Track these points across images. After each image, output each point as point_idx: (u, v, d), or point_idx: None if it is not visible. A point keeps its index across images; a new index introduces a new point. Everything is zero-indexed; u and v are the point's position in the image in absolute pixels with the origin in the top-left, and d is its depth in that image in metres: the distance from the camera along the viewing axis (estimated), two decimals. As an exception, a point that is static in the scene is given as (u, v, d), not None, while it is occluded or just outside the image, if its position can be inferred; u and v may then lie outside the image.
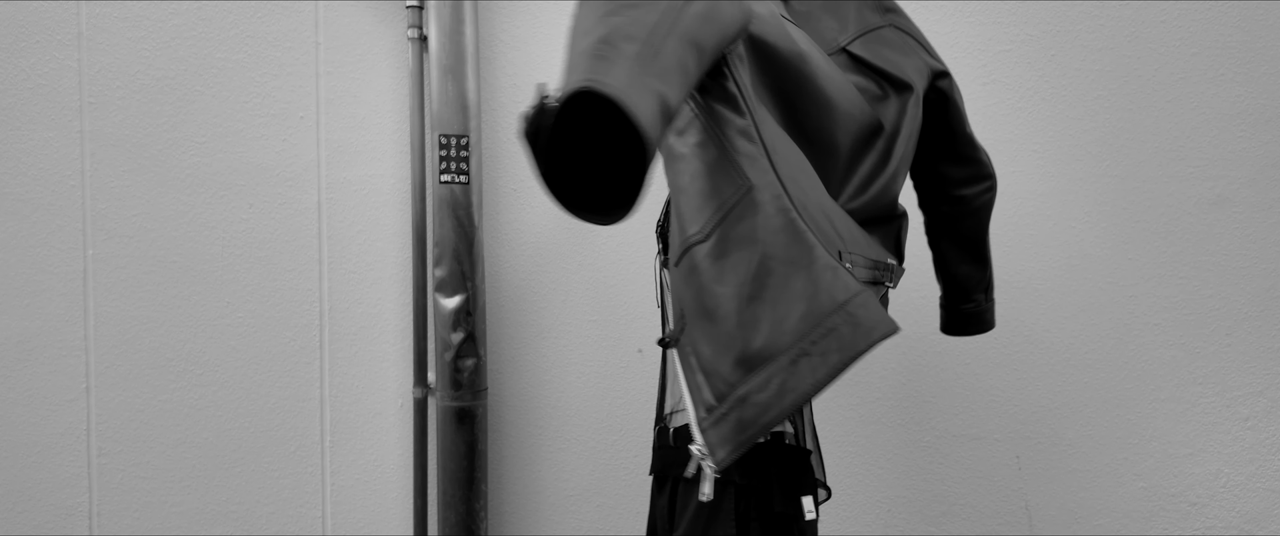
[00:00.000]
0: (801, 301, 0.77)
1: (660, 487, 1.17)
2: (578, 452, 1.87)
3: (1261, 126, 1.86)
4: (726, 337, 0.77)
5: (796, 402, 0.75)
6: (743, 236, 0.78)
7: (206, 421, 1.78)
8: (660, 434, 1.19)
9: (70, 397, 1.74)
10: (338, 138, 1.79)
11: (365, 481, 1.83)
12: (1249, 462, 1.89)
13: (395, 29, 1.79)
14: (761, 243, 0.78)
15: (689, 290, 0.80)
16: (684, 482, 1.01)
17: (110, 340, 1.75)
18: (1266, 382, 1.88)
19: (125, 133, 1.73)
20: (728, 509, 0.93)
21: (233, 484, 1.79)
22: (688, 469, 0.95)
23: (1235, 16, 1.85)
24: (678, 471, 1.05)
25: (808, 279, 0.78)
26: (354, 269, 1.81)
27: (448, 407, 1.72)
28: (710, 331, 0.78)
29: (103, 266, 1.74)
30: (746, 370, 0.76)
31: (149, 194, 1.75)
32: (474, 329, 1.72)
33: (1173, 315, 1.88)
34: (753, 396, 0.76)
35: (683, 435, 1.09)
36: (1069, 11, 1.85)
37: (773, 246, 0.78)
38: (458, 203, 1.70)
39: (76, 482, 1.75)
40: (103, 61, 1.72)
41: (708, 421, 0.77)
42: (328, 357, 1.81)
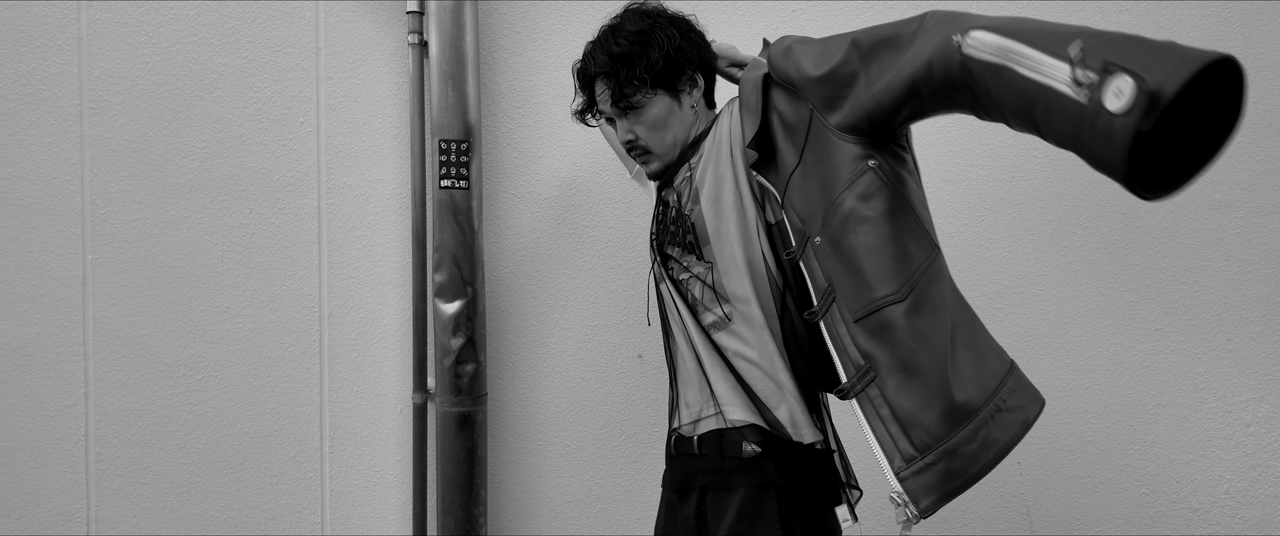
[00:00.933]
0: (987, 361, 0.89)
1: (682, 498, 1.15)
2: (577, 458, 1.86)
3: (1262, 132, 1.86)
4: (931, 394, 0.84)
5: (999, 456, 0.83)
6: (936, 299, 0.89)
7: (205, 427, 1.77)
8: (679, 443, 1.18)
9: (69, 403, 1.74)
10: (338, 143, 1.79)
11: (364, 487, 1.82)
12: (1251, 468, 1.89)
13: (395, 34, 1.79)
14: (949, 306, 0.89)
15: (881, 346, 0.86)
16: (714, 492, 1.07)
17: (109, 345, 1.74)
18: (1268, 388, 1.87)
19: (125, 138, 1.73)
20: (771, 511, 1.00)
21: (231, 489, 1.78)
22: (897, 520, 0.91)
23: (1235, 21, 1.85)
24: (706, 480, 1.08)
25: (986, 341, 0.91)
26: (354, 274, 1.81)
27: (447, 413, 1.72)
28: (911, 386, 0.85)
29: (102, 271, 1.74)
30: (952, 424, 0.83)
31: (148, 199, 1.74)
32: (474, 334, 1.72)
33: (1174, 320, 1.87)
34: (961, 448, 0.83)
35: (710, 443, 1.10)
36: (1069, 17, 1.85)
37: (955, 310, 0.90)
38: (458, 208, 1.70)
39: (75, 488, 1.74)
40: (103, 66, 1.72)
41: (909, 471, 0.83)
42: (327, 363, 1.80)
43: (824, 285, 0.93)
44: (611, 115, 1.23)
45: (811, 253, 0.95)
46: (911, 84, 0.84)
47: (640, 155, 1.22)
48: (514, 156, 1.84)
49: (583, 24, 1.83)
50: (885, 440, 0.87)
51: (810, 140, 0.98)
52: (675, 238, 1.18)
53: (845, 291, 0.91)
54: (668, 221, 1.22)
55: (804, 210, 0.98)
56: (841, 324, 0.90)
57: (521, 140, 1.84)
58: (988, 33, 0.76)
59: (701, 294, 1.13)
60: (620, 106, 1.18)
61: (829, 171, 0.95)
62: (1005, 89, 0.75)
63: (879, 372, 0.88)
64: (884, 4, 1.85)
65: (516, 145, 1.84)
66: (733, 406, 1.08)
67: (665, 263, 1.22)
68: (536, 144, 1.84)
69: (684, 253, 1.15)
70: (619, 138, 1.25)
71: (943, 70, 0.80)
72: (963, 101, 0.83)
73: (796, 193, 0.98)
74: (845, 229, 0.91)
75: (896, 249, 0.90)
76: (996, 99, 0.76)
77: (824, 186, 0.95)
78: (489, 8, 1.81)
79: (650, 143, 1.19)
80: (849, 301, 0.90)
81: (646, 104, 1.17)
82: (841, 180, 0.93)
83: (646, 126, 1.18)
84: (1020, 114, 0.75)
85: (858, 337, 0.89)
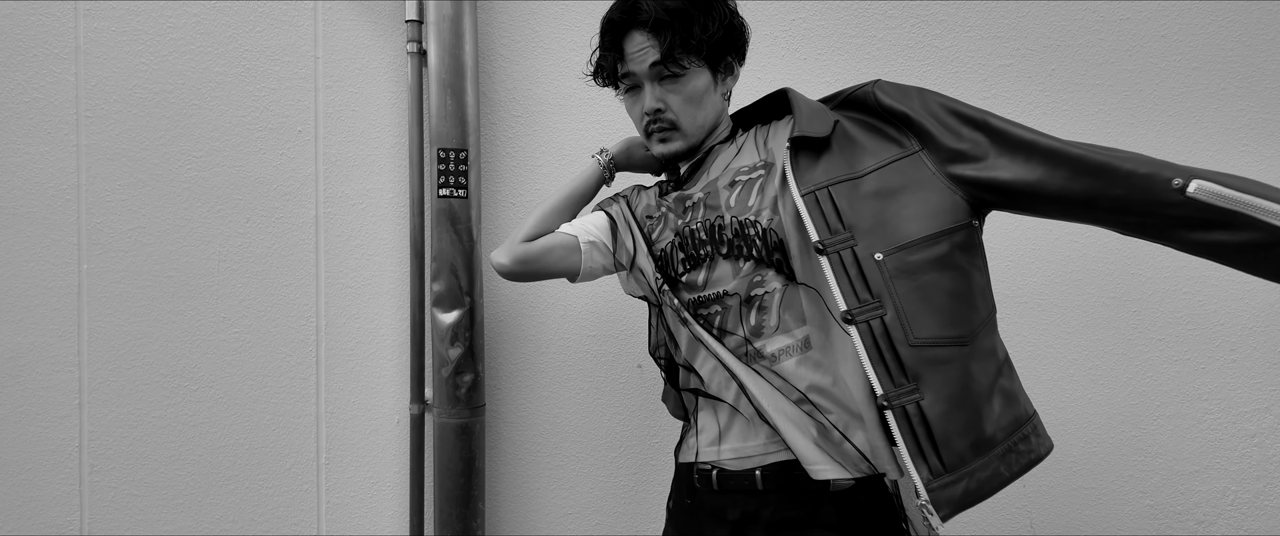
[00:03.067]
0: (1013, 407, 1.01)
1: (716, 520, 1.10)
2: (577, 469, 1.84)
3: (1264, 140, 1.85)
4: (968, 424, 0.96)
5: (1000, 486, 0.97)
6: (987, 347, 1.01)
7: (201, 438, 1.76)
8: (726, 478, 1.09)
9: (63, 414, 1.72)
10: (336, 151, 1.79)
11: (361, 499, 1.80)
12: (1256, 479, 1.87)
13: (394, 43, 1.79)
14: (997, 355, 1.02)
15: (934, 373, 0.96)
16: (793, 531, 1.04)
17: (104, 355, 1.73)
18: (1273, 399, 1.86)
19: (122, 146, 1.72)
20: None
21: (227, 501, 1.76)
22: (918, 526, 1.00)
23: (1237, 30, 1.85)
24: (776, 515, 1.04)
25: (1018, 388, 1.04)
26: (351, 283, 1.79)
27: (445, 424, 1.70)
28: (953, 415, 0.96)
29: (97, 280, 1.72)
30: (976, 453, 0.96)
31: (145, 208, 1.73)
32: (472, 344, 1.71)
33: (1177, 330, 1.86)
34: (977, 473, 0.96)
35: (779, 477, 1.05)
36: (1069, 26, 1.85)
37: (998, 361, 1.02)
38: (456, 217, 1.69)
39: (68, 500, 1.73)
40: (100, 75, 1.72)
41: (938, 484, 0.94)
42: (324, 373, 1.79)
43: (867, 298, 0.98)
44: (641, 79, 1.12)
45: (854, 259, 1.00)
46: (1088, 195, 0.96)
47: (664, 131, 1.13)
48: (513, 165, 1.83)
49: (582, 32, 1.82)
50: (915, 453, 0.95)
51: (890, 167, 1.03)
52: (738, 252, 1.07)
53: (911, 315, 0.97)
54: (709, 238, 1.10)
55: (851, 217, 1.01)
56: (891, 339, 0.97)
57: (520, 149, 1.83)
58: (1213, 183, 0.89)
59: (766, 318, 1.05)
60: (667, 66, 1.09)
61: (916, 205, 1.01)
62: (1242, 225, 0.88)
63: (924, 394, 0.96)
64: (885, 4, 1.84)
65: (515, 154, 1.83)
66: (799, 438, 1.03)
67: (678, 288, 1.14)
68: (536, 153, 1.83)
69: (757, 268, 1.05)
70: (643, 107, 1.13)
71: (1142, 196, 0.93)
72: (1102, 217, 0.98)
73: (844, 199, 1.02)
74: (933, 266, 0.99)
75: (973, 300, 1.01)
76: (1211, 237, 0.91)
77: (905, 215, 1.00)
78: (488, 16, 1.81)
79: (682, 117, 1.12)
80: (912, 324, 0.97)
81: (689, 73, 1.10)
82: (938, 221, 1.00)
83: (683, 97, 1.11)
84: (1243, 248, 0.89)
85: (910, 358, 0.97)
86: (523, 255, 1.24)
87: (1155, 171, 0.93)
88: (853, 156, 1.05)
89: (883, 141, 1.06)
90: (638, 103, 1.15)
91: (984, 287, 1.04)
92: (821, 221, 1.01)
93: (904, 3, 1.84)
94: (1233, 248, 0.90)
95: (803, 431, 1.03)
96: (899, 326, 0.97)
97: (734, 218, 1.08)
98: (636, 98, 1.15)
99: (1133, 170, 0.93)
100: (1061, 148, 0.98)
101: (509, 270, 1.25)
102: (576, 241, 1.25)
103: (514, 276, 1.26)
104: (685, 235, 1.14)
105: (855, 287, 0.99)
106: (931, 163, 1.03)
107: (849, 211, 1.01)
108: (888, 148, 1.05)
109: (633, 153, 1.30)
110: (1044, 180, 0.98)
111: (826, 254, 1.00)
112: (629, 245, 1.23)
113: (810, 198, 1.02)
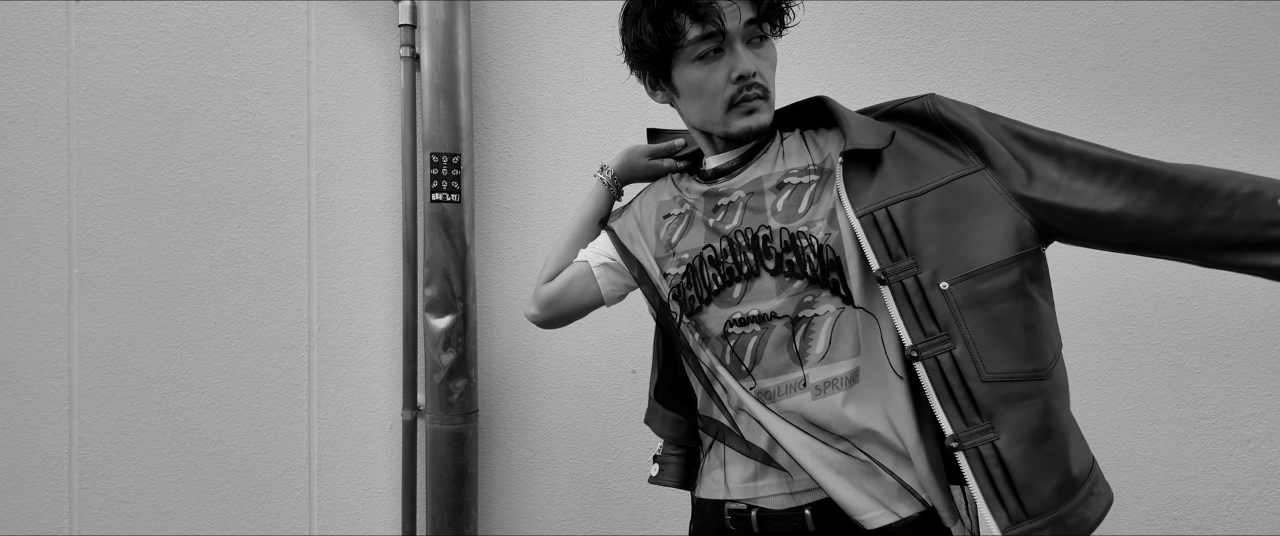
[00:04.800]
0: (1085, 449, 0.96)
1: None
2: (570, 476, 1.83)
3: (1257, 145, 1.86)
4: (1052, 465, 0.88)
5: (1087, 532, 0.89)
6: (1060, 383, 0.94)
7: (191, 444, 1.74)
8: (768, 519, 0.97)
9: (52, 420, 1.71)
10: (328, 156, 1.78)
11: (353, 505, 1.79)
12: (1252, 485, 1.87)
13: (387, 47, 1.78)
14: (1068, 394, 0.95)
15: (1012, 411, 0.88)
16: None
17: (94, 360, 1.72)
18: (1268, 403, 1.86)
19: (113, 151, 1.72)
20: None
21: (218, 508, 1.75)
22: None
23: (1230, 35, 1.85)
24: None
25: (1079, 430, 0.97)
26: (343, 289, 1.79)
27: (438, 430, 1.69)
28: (1034, 455, 0.88)
29: (88, 286, 1.71)
30: (1062, 497, 0.88)
31: (136, 213, 1.72)
32: (465, 349, 1.70)
33: (1172, 336, 1.86)
34: (1065, 519, 0.88)
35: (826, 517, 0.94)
36: (1064, 31, 1.85)
37: (1069, 398, 0.96)
38: (449, 222, 1.68)
39: (57, 507, 1.71)
40: (91, 79, 1.71)
41: (1016, 530, 0.86)
42: (316, 379, 1.78)
43: (934, 330, 0.89)
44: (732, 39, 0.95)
45: (918, 288, 0.90)
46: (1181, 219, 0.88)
47: (757, 99, 0.97)
48: (506, 170, 1.82)
49: (576, 37, 1.82)
50: (991, 498, 0.87)
51: (953, 185, 0.93)
52: (789, 268, 0.94)
53: (983, 349, 0.89)
54: (751, 247, 0.96)
55: (912, 241, 0.91)
56: (961, 376, 0.88)
57: (514, 154, 1.82)
58: None
59: (812, 345, 0.93)
60: (762, 25, 0.96)
61: (983, 229, 0.91)
62: None
63: (1000, 434, 0.88)
64: (879, 9, 1.84)
65: (509, 159, 1.82)
66: (845, 489, 0.93)
67: (697, 314, 1.00)
68: (529, 157, 1.82)
69: (809, 287, 0.93)
70: (738, 69, 0.95)
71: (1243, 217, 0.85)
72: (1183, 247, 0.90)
73: (903, 220, 0.91)
74: (1005, 295, 0.90)
75: (1047, 331, 0.93)
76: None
77: (972, 240, 0.91)
78: (481, 21, 1.81)
79: (770, 84, 0.98)
80: (984, 359, 0.89)
81: (771, 40, 0.99)
82: (1007, 246, 0.91)
83: (769, 64, 0.99)
84: None
85: (983, 396, 0.88)
86: (545, 298, 1.17)
87: (1260, 190, 0.85)
88: (909, 172, 0.94)
89: (941, 156, 0.95)
90: (717, 69, 0.96)
91: (1053, 318, 0.96)
92: (882, 246, 0.90)
93: (898, 6, 1.84)
94: None
95: (849, 479, 0.92)
96: (970, 361, 0.88)
97: (783, 228, 0.95)
98: (714, 64, 0.96)
99: (1235, 190, 0.86)
100: (1152, 166, 0.90)
101: (539, 318, 1.18)
102: (588, 267, 1.14)
103: (548, 323, 1.18)
104: (721, 242, 0.99)
105: (920, 320, 0.89)
106: (996, 183, 0.93)
107: (909, 234, 0.90)
108: (948, 163, 0.94)
109: (634, 163, 1.20)
110: (1132, 203, 0.89)
111: (888, 283, 0.89)
112: (638, 257, 1.10)
113: (868, 219, 0.91)
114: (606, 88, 1.82)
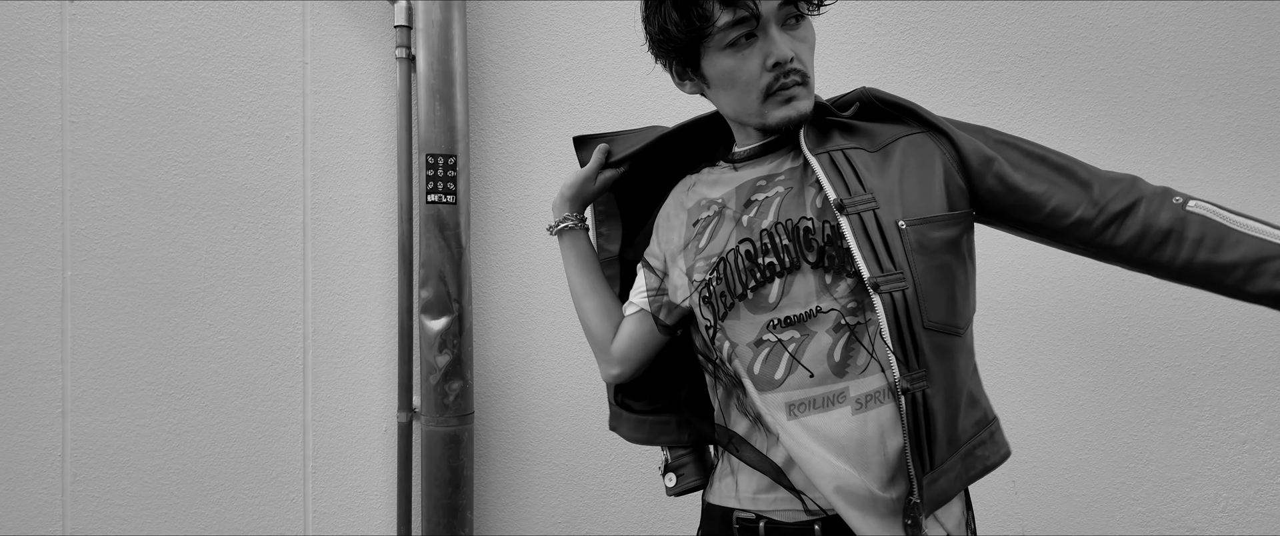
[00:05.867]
0: (976, 409, 0.94)
1: None
2: (566, 478, 1.83)
3: (1251, 147, 1.86)
4: (950, 419, 0.89)
5: (956, 491, 0.90)
6: (970, 345, 0.95)
7: (185, 447, 1.74)
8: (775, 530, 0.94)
9: (45, 422, 1.70)
10: (324, 157, 1.77)
11: (348, 509, 1.78)
12: (1248, 486, 1.87)
13: (383, 49, 1.78)
14: (972, 355, 0.96)
15: (940, 362, 0.88)
16: None
17: (88, 363, 1.71)
18: (1263, 405, 1.86)
19: (107, 152, 1.71)
20: None
21: (212, 511, 1.74)
22: None
23: (1223, 39, 1.86)
24: None
25: (982, 392, 0.98)
26: (339, 290, 1.78)
27: (433, 432, 1.69)
28: (944, 408, 0.87)
29: (81, 288, 1.70)
30: (950, 450, 0.89)
31: (130, 214, 1.72)
32: (461, 351, 1.69)
33: (1168, 337, 1.86)
34: (948, 472, 0.88)
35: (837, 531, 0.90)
36: (1059, 33, 1.86)
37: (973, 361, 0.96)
38: (445, 223, 1.68)
39: (50, 510, 1.70)
40: (85, 80, 1.70)
41: (927, 480, 0.86)
42: (311, 381, 1.77)
43: (890, 267, 0.85)
44: (766, 22, 0.88)
45: (876, 223, 0.87)
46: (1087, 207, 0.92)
47: (796, 86, 0.90)
48: (502, 171, 1.82)
49: (572, 39, 1.82)
50: (913, 445, 0.84)
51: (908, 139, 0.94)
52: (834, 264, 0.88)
53: (925, 294, 0.87)
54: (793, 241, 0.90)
55: (871, 181, 0.89)
56: (908, 317, 0.85)
57: (510, 155, 1.82)
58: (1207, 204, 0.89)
59: (856, 352, 0.87)
60: (800, 5, 0.89)
61: (933, 182, 0.91)
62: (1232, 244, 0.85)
63: (930, 383, 0.86)
64: (875, 11, 1.85)
65: (505, 160, 1.82)
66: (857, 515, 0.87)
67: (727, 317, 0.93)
68: (525, 159, 1.82)
69: (855, 288, 0.87)
70: (775, 54, 0.88)
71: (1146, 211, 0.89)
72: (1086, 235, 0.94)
73: (861, 164, 0.91)
74: (947, 248, 0.89)
75: (969, 290, 0.94)
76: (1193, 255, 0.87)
77: (923, 190, 0.90)
78: (478, 22, 1.80)
79: (809, 69, 0.92)
80: (926, 305, 0.86)
81: (809, 23, 0.93)
82: (952, 202, 0.92)
83: (808, 46, 0.92)
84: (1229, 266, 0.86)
85: (924, 342, 0.86)
86: (619, 356, 1.10)
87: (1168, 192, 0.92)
88: (867, 136, 0.95)
89: (892, 125, 0.96)
90: (750, 57, 0.89)
91: (973, 283, 0.96)
92: (840, 182, 0.88)
93: (894, 7, 1.85)
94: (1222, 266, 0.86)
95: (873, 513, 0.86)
96: (917, 304, 0.85)
97: (826, 222, 0.89)
98: (747, 51, 0.89)
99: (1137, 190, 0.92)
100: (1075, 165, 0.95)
101: (623, 375, 1.11)
102: (640, 312, 1.08)
103: (629, 376, 1.12)
104: (759, 238, 0.92)
105: (877, 254, 0.85)
106: (937, 144, 0.93)
107: (868, 176, 0.89)
108: (899, 128, 0.95)
109: (580, 192, 1.14)
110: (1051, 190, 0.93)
111: (846, 214, 0.86)
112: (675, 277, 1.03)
113: (825, 158, 0.90)
114: (602, 89, 1.82)
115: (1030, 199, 0.92)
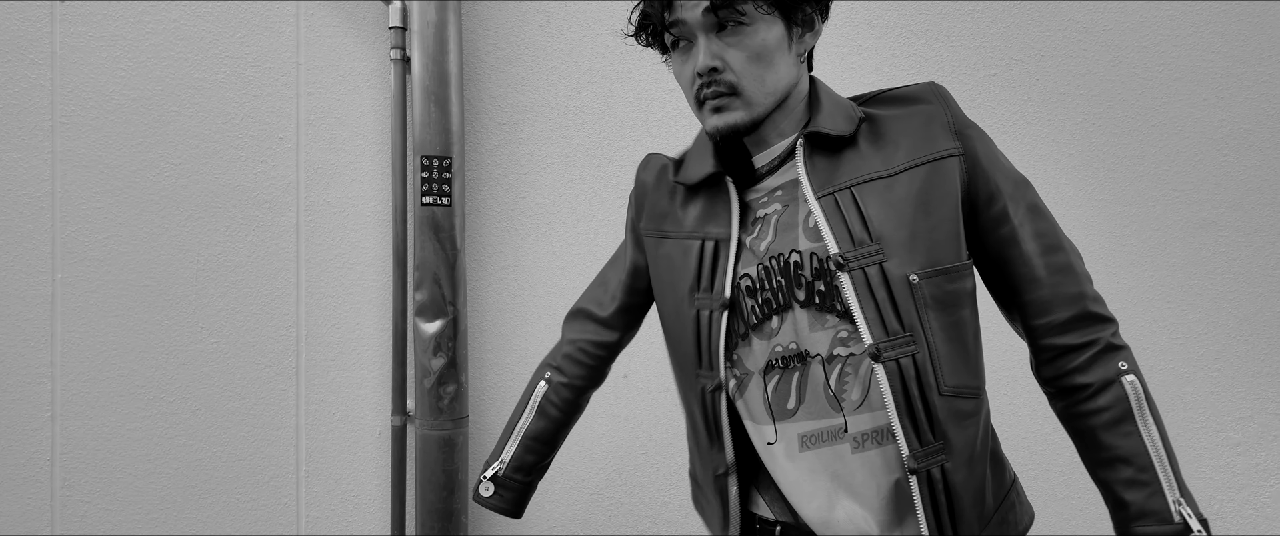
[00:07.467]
0: (1002, 472, 0.90)
1: None
2: (562, 482, 1.82)
3: (1245, 150, 1.87)
4: (977, 491, 0.83)
5: None
6: (987, 404, 0.88)
7: (177, 451, 1.72)
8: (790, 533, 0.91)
9: (34, 426, 1.68)
10: (317, 159, 1.76)
11: (341, 513, 1.77)
12: (1241, 488, 1.87)
13: (377, 50, 1.77)
14: (989, 414, 0.88)
15: (961, 431, 0.82)
16: None
17: (78, 366, 1.69)
18: (1256, 407, 1.87)
19: (98, 154, 1.69)
20: None
21: (203, 516, 1.73)
22: None
23: (1217, 42, 1.87)
24: None
25: (1001, 450, 0.92)
26: (332, 293, 1.77)
27: (427, 436, 1.68)
28: (968, 480, 0.82)
29: (71, 290, 1.69)
30: (981, 524, 0.83)
31: (121, 216, 1.70)
32: (455, 354, 1.68)
33: (1160, 339, 1.87)
34: None
35: None
36: (1054, 37, 1.86)
37: (990, 419, 0.89)
38: (439, 225, 1.67)
39: (39, 514, 1.68)
40: (76, 81, 1.69)
41: None
42: (304, 384, 1.76)
43: (898, 329, 0.79)
44: (692, 31, 0.84)
45: (882, 278, 0.80)
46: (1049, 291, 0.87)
47: (720, 97, 0.84)
48: (497, 173, 1.81)
49: (567, 41, 1.82)
50: (933, 529, 0.79)
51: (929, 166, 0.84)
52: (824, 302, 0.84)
53: (942, 356, 0.81)
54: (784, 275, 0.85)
55: (881, 225, 0.81)
56: (921, 385, 0.79)
57: (505, 157, 1.81)
58: (1144, 394, 0.84)
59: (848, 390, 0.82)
60: (721, 13, 0.81)
61: (950, 225, 0.83)
62: (1122, 433, 0.82)
63: (949, 456, 0.80)
64: (871, 14, 1.85)
65: (500, 162, 1.81)
66: None
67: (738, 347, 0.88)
68: (520, 161, 1.81)
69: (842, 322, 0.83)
70: (696, 65, 0.84)
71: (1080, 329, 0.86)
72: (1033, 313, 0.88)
73: (872, 203, 0.82)
74: (964, 301, 0.83)
75: (980, 345, 0.88)
76: (1088, 416, 0.85)
77: (940, 234, 0.82)
78: (473, 24, 1.80)
79: (744, 78, 0.83)
80: (943, 368, 0.80)
81: (756, 22, 0.82)
82: (964, 248, 0.84)
83: (747, 54, 0.83)
84: (1103, 446, 0.84)
85: (940, 410, 0.80)
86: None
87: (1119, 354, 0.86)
88: (885, 151, 0.85)
89: (923, 138, 0.85)
90: (688, 62, 0.86)
91: (980, 342, 0.90)
92: (843, 229, 0.81)
93: (890, 10, 1.85)
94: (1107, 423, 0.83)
95: None
96: (931, 369, 0.79)
97: (813, 252, 0.84)
98: (685, 56, 0.86)
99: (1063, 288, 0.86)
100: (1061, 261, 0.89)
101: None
102: None
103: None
104: (757, 269, 0.87)
105: (882, 315, 0.79)
106: (962, 177, 0.85)
107: (878, 218, 0.81)
108: (928, 144, 0.85)
109: None
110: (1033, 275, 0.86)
111: (848, 270, 0.80)
112: None
113: (829, 200, 0.82)
114: (598, 91, 1.82)
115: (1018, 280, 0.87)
